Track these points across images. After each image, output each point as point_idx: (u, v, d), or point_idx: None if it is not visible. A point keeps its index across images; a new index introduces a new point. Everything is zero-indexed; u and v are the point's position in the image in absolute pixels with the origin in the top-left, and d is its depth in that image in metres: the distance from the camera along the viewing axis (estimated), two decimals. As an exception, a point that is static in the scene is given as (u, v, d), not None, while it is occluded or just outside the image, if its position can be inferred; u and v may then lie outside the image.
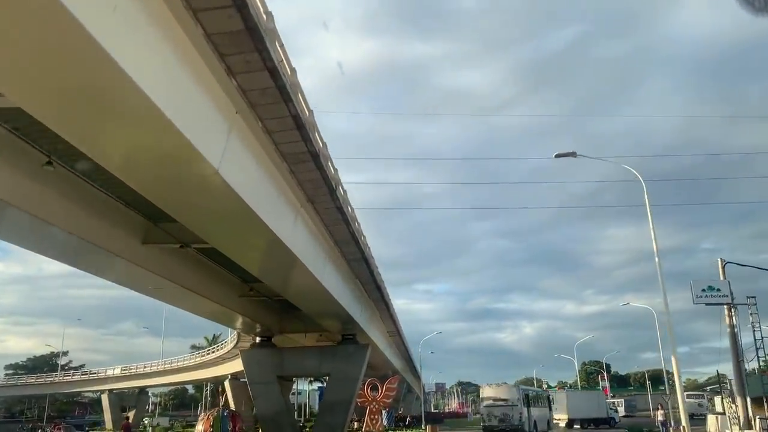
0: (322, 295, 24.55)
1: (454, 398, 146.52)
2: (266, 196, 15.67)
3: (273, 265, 20.60)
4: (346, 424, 34.00)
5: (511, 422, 34.28)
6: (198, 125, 10.69)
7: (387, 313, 38.92)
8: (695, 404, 59.17)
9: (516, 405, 34.60)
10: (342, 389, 34.16)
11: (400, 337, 51.03)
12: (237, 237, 17.46)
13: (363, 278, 29.35)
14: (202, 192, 13.14)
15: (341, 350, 34.99)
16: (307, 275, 20.81)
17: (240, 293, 28.47)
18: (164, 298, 26.54)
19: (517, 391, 36.34)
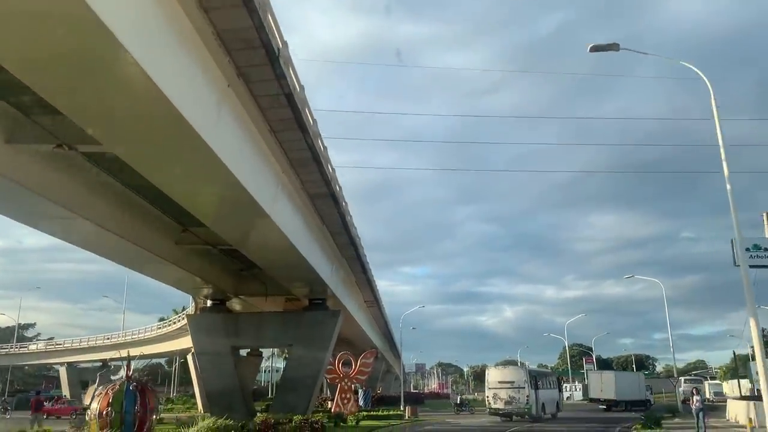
0: (273, 238, 18.56)
1: (434, 379, 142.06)
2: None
3: (196, 183, 14.51)
4: (310, 405, 28.17)
5: (517, 405, 31.90)
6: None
7: (364, 278, 33.01)
8: (693, 390, 55.21)
9: (523, 387, 31.98)
10: (307, 363, 28.33)
11: (379, 308, 45.20)
12: (143, 137, 11.60)
13: (332, 226, 23.35)
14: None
15: (308, 317, 29.11)
16: (245, 199, 14.75)
17: (176, 239, 22.34)
18: (73, 238, 20.32)
19: (524, 372, 33.35)
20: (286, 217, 18.15)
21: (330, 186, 18.81)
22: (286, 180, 17.71)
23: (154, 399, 15.73)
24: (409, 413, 37.42)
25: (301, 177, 17.99)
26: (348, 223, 23.75)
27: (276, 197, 16.85)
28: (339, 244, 26.01)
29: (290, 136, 14.93)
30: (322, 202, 20.27)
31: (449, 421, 36.24)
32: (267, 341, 29.32)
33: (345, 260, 28.75)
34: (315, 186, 18.68)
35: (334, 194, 19.51)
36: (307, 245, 21.46)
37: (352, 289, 34.49)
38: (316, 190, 19.09)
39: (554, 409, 36.91)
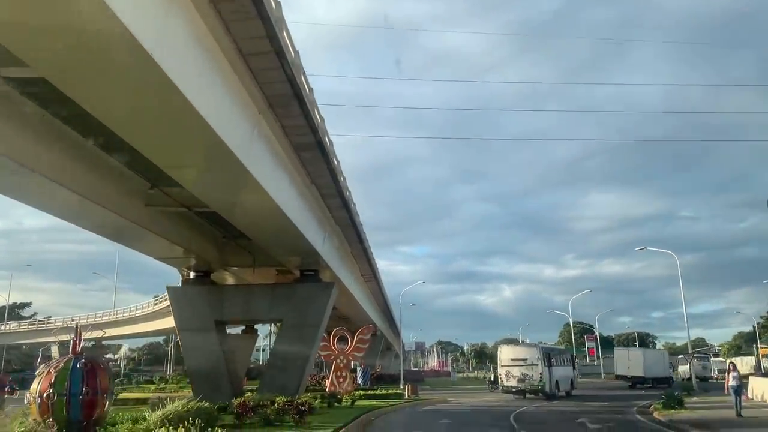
0: (252, 195, 15.97)
1: (434, 357, 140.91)
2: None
3: (150, 120, 11.83)
4: (302, 384, 25.83)
5: (530, 382, 31.39)
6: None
7: (360, 249, 30.47)
8: (699, 366, 53.98)
9: (536, 364, 31.52)
10: (298, 339, 25.90)
11: (377, 283, 42.76)
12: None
13: (323, 186, 20.72)
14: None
15: (299, 290, 26.65)
16: (210, 139, 12.09)
17: (145, 200, 19.75)
18: (23, 195, 17.67)
19: (537, 350, 32.85)
20: (266, 169, 15.51)
21: (317, 134, 16.14)
22: (264, 124, 15.05)
23: (107, 378, 13.21)
24: (408, 392, 35.18)
25: (282, 122, 15.32)
26: (341, 184, 21.13)
27: (251, 141, 14.19)
28: (331, 208, 23.43)
29: (264, 62, 12.22)
30: (309, 155, 17.62)
31: (451, 400, 34.01)
32: (255, 316, 26.90)
33: (339, 228, 26.20)
34: (299, 134, 16.01)
35: (321, 144, 16.84)
36: (292, 205, 18.88)
37: (348, 260, 32.00)
38: (301, 139, 16.42)
39: (568, 386, 35.89)
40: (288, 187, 18.23)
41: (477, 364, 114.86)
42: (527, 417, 21.82)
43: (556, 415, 23.45)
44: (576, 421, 20.00)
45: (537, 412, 24.71)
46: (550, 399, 31.46)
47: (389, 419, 21.18)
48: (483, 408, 27.67)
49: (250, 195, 15.93)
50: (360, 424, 18.25)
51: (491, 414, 23.88)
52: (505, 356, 33.24)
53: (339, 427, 15.61)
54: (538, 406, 27.43)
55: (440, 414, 23.90)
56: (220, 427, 15.22)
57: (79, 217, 19.75)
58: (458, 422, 19.96)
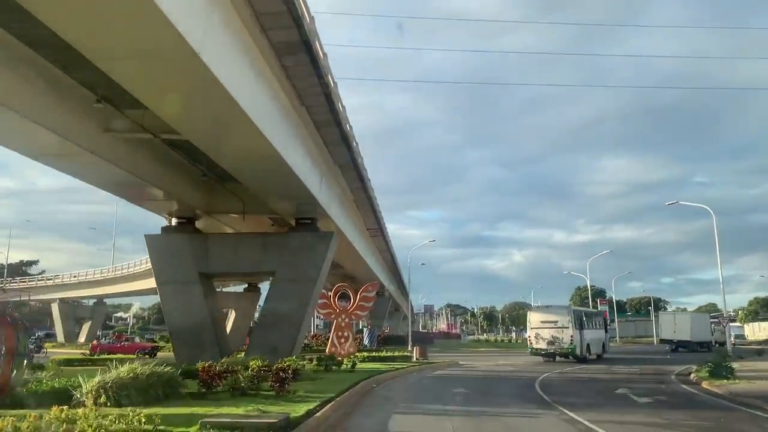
0: (221, 107, 12.35)
1: (442, 319, 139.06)
2: None
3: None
4: (296, 345, 22.67)
5: (560, 345, 30.41)
6: None
7: (363, 197, 26.87)
8: (719, 332, 50.00)
9: (566, 327, 30.36)
10: (292, 294, 22.69)
11: (384, 239, 39.32)
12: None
13: (315, 109, 17.00)
14: None
15: (294, 239, 23.30)
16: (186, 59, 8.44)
17: (104, 125, 16.24)
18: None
19: (567, 312, 31.89)
20: (231, 69, 11.81)
21: (301, 29, 12.36)
22: (233, 11, 11.33)
23: (15, 338, 9.93)
24: (417, 355, 32.10)
25: (255, 6, 11.56)
26: (337, 110, 17.38)
27: (206, 29, 10.47)
28: (328, 143, 19.78)
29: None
30: (292, 61, 13.86)
31: (463, 364, 30.88)
32: (244, 268, 23.61)
33: (338, 169, 22.58)
34: (277, 26, 12.23)
35: (309, 46, 13.05)
36: (272, 123, 15.21)
37: (350, 210, 28.51)
38: (281, 36, 12.66)
39: (600, 349, 34.69)
40: (268, 102, 14.55)
41: (488, 326, 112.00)
42: (556, 386, 18.49)
43: (589, 384, 20.12)
44: (616, 391, 16.66)
45: (564, 379, 21.40)
46: (581, 362, 30.27)
47: (393, 387, 17.91)
48: (501, 373, 24.44)
49: (217, 104, 12.27)
50: (357, 393, 14.96)
51: (512, 381, 20.60)
52: (534, 318, 32.10)
53: (328, 399, 12.30)
54: (561, 373, 24.14)
55: (452, 381, 20.66)
56: (178, 399, 12.09)
57: (25, 142, 16.27)
58: (475, 391, 16.66)
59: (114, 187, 21.02)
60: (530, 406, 13.38)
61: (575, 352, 30.46)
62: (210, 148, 16.50)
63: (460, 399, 14.72)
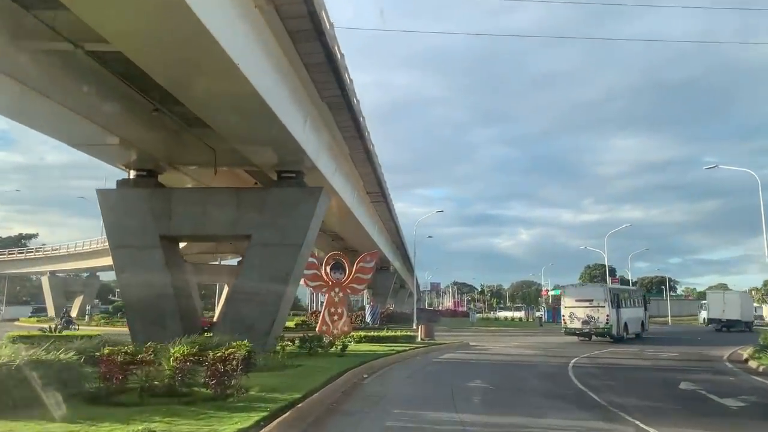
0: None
1: (449, 297, 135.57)
2: None
3: None
4: (276, 324, 18.59)
5: (596, 325, 28.85)
6: None
7: (360, 149, 22.45)
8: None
9: (602, 306, 28.79)
10: (272, 263, 18.58)
11: (387, 206, 34.97)
12: None
13: (289, 15, 12.63)
14: None
15: (275, 196, 19.13)
16: None
17: (11, 33, 11.97)
18: None
19: (603, 290, 30.17)
20: None
21: None
22: None
23: None
24: (422, 334, 28.08)
25: None
26: (321, 19, 12.99)
27: None
28: (311, 68, 15.39)
29: None
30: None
31: (474, 345, 26.80)
32: (214, 230, 19.41)
33: (327, 108, 18.21)
34: None
35: None
36: (237, 35, 10.89)
37: (345, 166, 24.20)
38: None
39: (639, 328, 33.00)
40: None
41: (497, 304, 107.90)
42: (597, 377, 14.32)
43: (636, 374, 15.95)
44: (680, 387, 12.50)
45: (601, 366, 17.21)
46: (618, 342, 28.68)
47: (388, 379, 13.75)
48: (520, 358, 20.31)
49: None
50: (336, 391, 10.79)
51: (538, 370, 16.44)
52: (569, 297, 30.73)
53: (287, 404, 8.19)
54: (592, 357, 19.99)
55: (464, 368, 16.53)
56: (60, 403, 7.95)
57: None
58: (496, 386, 12.51)
59: (41, 123, 16.76)
60: (580, 413, 9.22)
61: (611, 332, 28.78)
62: (151, 62, 12.19)
63: (479, 401, 10.54)
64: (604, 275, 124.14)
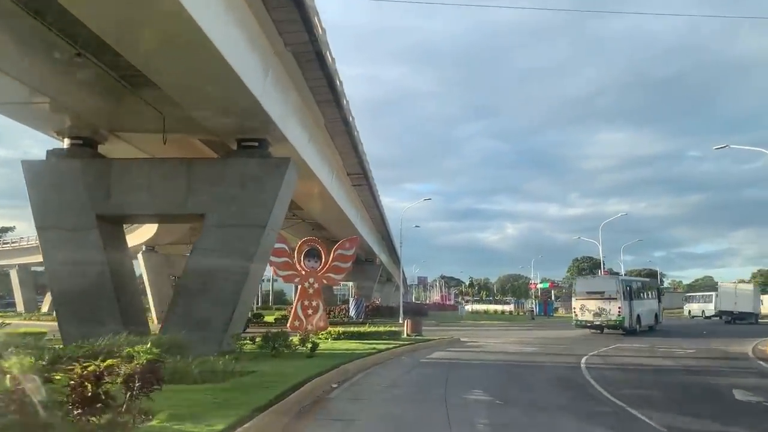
0: None
1: (436, 291, 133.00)
2: None
3: None
4: (235, 320, 15.41)
5: (608, 317, 27.82)
6: None
7: (337, 117, 19.28)
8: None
9: (614, 298, 27.75)
10: (229, 247, 15.44)
11: (370, 190, 31.80)
12: None
13: None
14: None
15: (233, 168, 16.00)
16: None
17: None
18: None
19: (615, 282, 29.03)
20: None
21: None
22: None
23: None
24: (408, 329, 25.05)
25: None
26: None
27: None
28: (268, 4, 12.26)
29: None
30: None
31: (466, 341, 23.83)
32: (162, 208, 16.14)
33: (294, 62, 15.05)
34: None
35: None
36: None
37: (320, 137, 21.02)
38: None
39: (652, 321, 31.62)
40: None
41: (486, 297, 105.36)
42: (626, 385, 11.37)
43: (668, 377, 13.00)
44: (736, 398, 9.59)
45: (620, 367, 14.28)
46: (631, 334, 27.42)
47: (364, 390, 10.61)
48: (521, 357, 17.31)
49: None
50: (288, 411, 7.68)
51: (547, 373, 13.46)
52: (580, 289, 29.70)
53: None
54: (604, 355, 17.09)
55: (459, 372, 13.49)
56: None
57: None
58: (503, 400, 9.50)
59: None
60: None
61: (624, 324, 27.45)
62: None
63: (486, 428, 7.49)
64: (592, 268, 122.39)
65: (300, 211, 33.99)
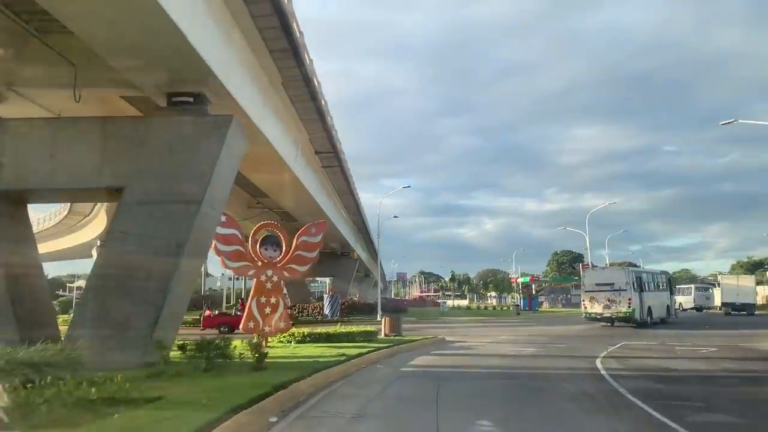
0: None
1: (416, 287, 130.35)
2: None
3: None
4: (162, 322, 11.79)
5: (618, 309, 27.01)
6: None
7: (298, 76, 15.76)
8: (703, 297, 51.17)
9: (624, 290, 26.97)
10: (155, 229, 11.91)
11: (342, 173, 28.18)
12: None
13: None
14: None
15: (160, 130, 12.47)
16: None
17: None
18: None
19: (626, 274, 28.16)
20: None
21: None
22: None
23: None
24: (386, 329, 21.76)
25: None
26: None
27: None
28: None
29: None
30: None
31: (452, 341, 20.60)
32: (66, 180, 12.43)
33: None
34: None
35: None
36: None
37: (278, 101, 17.50)
38: None
39: (664, 313, 30.51)
40: None
41: (469, 292, 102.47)
42: (685, 403, 8.15)
43: (726, 389, 9.83)
44: None
45: (652, 374, 11.11)
46: (642, 327, 26.46)
47: (315, 425, 7.10)
48: (524, 362, 14.07)
49: None
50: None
51: (564, 386, 10.13)
52: (589, 281, 29.00)
53: None
54: (622, 357, 13.98)
55: (452, 388, 10.07)
56: None
57: None
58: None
59: None
60: None
61: (635, 317, 26.53)
62: None
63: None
64: (572, 262, 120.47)
65: (267, 199, 30.42)
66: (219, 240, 15.85)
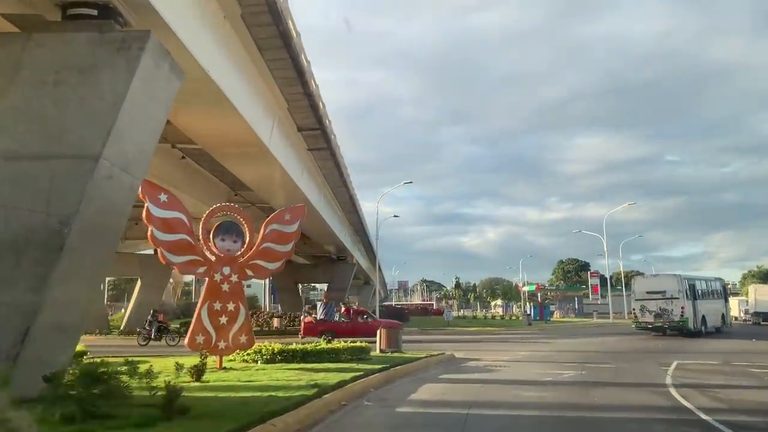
0: None
1: (417, 295, 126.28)
2: None
3: None
4: (29, 342, 7.56)
5: (670, 318, 25.29)
6: None
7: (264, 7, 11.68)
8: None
9: (677, 298, 25.32)
10: (30, 196, 7.71)
11: (333, 159, 23.66)
12: None
13: None
14: None
15: (43, 50, 8.25)
16: None
17: None
18: None
19: (677, 281, 26.21)
20: None
21: None
22: None
23: None
24: (383, 343, 17.57)
25: None
26: None
27: None
28: None
29: None
30: None
31: (462, 358, 16.34)
32: None
33: None
34: None
35: None
36: None
37: (239, 48, 13.34)
38: None
39: (719, 322, 29.27)
40: None
41: (475, 301, 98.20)
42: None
43: None
44: None
45: (754, 403, 6.97)
46: (695, 336, 25.28)
47: None
48: (573, 396, 9.79)
49: None
50: None
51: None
52: (639, 288, 27.76)
53: None
54: (706, 390, 9.79)
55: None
56: None
57: None
58: None
59: None
60: None
61: (688, 325, 25.36)
62: None
63: None
64: (578, 270, 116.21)
65: (248, 192, 26.22)
66: (156, 225, 11.78)
